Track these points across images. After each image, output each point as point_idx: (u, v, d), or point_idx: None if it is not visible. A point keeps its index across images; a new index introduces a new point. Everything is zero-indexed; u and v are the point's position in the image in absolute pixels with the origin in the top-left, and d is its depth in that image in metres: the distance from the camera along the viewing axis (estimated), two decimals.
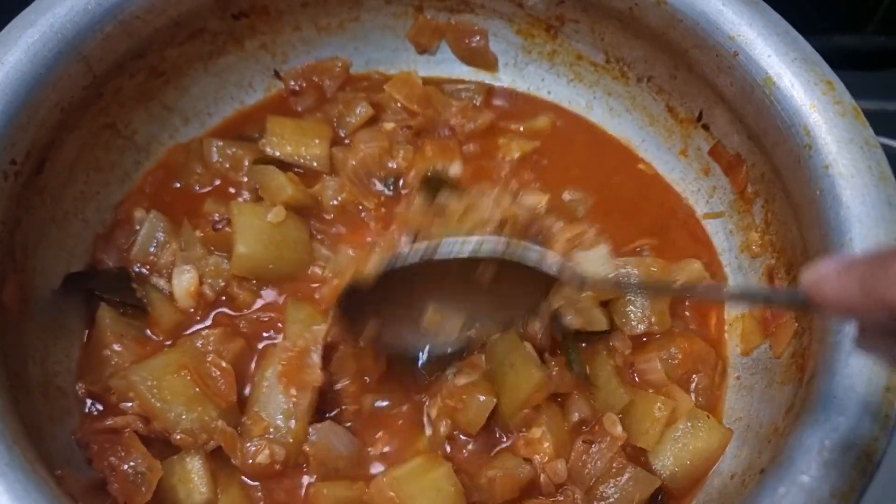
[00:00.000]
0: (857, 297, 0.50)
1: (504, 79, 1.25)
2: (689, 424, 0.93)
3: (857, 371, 0.74)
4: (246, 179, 1.10)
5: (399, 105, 1.18)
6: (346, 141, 1.15)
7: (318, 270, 1.02)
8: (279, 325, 0.98)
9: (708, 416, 0.94)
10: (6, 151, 0.87)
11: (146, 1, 0.99)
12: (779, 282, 1.00)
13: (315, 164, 1.11)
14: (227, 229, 1.02)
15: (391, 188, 1.11)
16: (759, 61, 0.95)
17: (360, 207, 1.09)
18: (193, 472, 0.87)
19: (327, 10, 1.19)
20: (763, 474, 0.75)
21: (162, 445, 0.90)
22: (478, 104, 1.22)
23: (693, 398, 0.97)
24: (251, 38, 1.17)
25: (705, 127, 1.10)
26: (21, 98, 0.88)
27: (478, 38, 1.23)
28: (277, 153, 1.10)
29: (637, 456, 0.93)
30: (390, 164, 1.12)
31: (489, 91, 1.24)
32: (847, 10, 1.53)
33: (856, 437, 0.71)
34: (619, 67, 1.17)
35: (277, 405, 0.90)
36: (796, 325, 0.94)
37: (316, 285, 1.01)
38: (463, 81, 1.24)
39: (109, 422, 0.89)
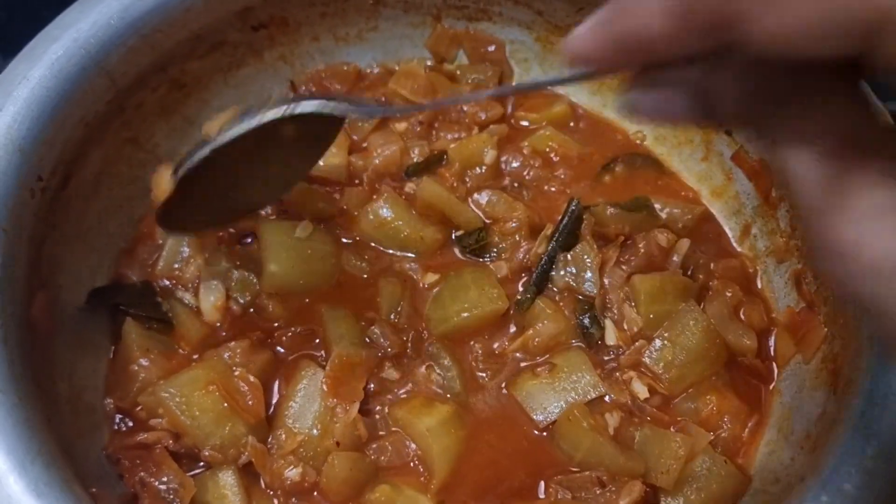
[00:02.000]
0: (611, 48, 0.50)
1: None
2: (705, 466, 0.89)
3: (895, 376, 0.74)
4: None
5: (405, 101, 1.17)
6: (364, 145, 1.15)
7: None
8: (310, 334, 0.98)
9: (726, 461, 0.89)
10: (33, 168, 0.87)
11: (168, 15, 1.00)
12: (806, 287, 1.00)
13: (335, 175, 1.11)
14: (254, 245, 1.01)
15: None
16: None
17: None
18: (227, 487, 0.86)
19: (345, 21, 1.19)
20: (804, 482, 0.74)
21: (191, 461, 0.90)
22: (490, 88, 1.21)
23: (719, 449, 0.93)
24: (270, 50, 1.17)
25: (727, 132, 1.10)
26: (47, 114, 0.88)
27: (493, 47, 1.23)
28: None
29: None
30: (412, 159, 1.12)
31: (501, 76, 1.23)
32: None
33: None
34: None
35: (313, 418, 0.89)
36: (825, 330, 0.94)
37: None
38: (476, 70, 1.23)
39: (140, 437, 0.88)
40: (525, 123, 1.20)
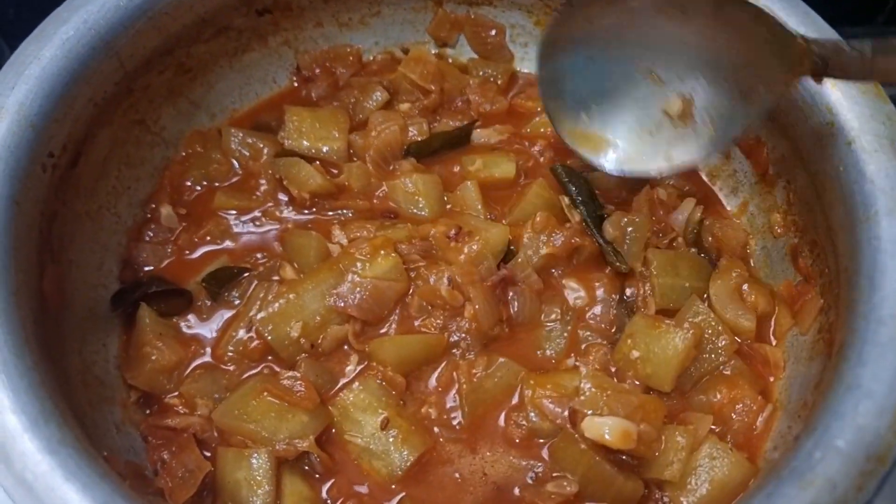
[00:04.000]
0: None
1: (522, 69, 1.27)
2: (710, 456, 0.89)
3: (887, 339, 0.76)
4: (271, 173, 1.12)
5: (413, 85, 1.20)
6: (368, 127, 1.16)
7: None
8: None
9: (731, 449, 0.90)
10: (44, 144, 0.89)
11: None
12: (802, 260, 1.01)
13: (335, 157, 1.13)
14: None
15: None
16: None
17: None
18: (259, 469, 0.88)
19: (348, 6, 1.21)
20: (798, 440, 0.76)
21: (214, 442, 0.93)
22: (500, 83, 1.23)
23: (729, 439, 0.93)
24: (274, 35, 1.19)
25: None
26: (57, 92, 0.91)
27: (494, 32, 1.25)
28: (297, 148, 1.12)
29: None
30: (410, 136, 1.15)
31: (512, 75, 1.25)
32: (857, 1, 1.55)
33: (889, 402, 0.72)
34: None
35: None
36: (821, 301, 0.95)
37: None
38: (486, 66, 1.25)
39: (172, 422, 0.92)
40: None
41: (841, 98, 0.91)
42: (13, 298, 0.78)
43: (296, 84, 1.24)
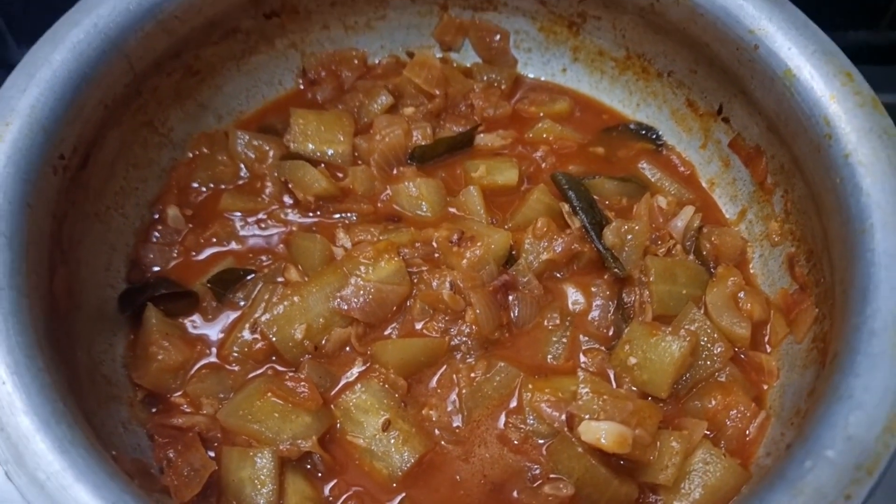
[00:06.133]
0: None
1: (526, 74, 1.29)
2: (704, 461, 0.91)
3: (879, 350, 0.77)
4: (276, 175, 1.13)
5: (417, 89, 1.21)
6: (372, 131, 1.17)
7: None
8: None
9: (724, 455, 0.91)
10: (55, 146, 0.91)
11: (184, 1, 1.03)
12: (799, 269, 1.03)
13: (340, 160, 1.14)
14: None
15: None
16: (780, 54, 0.98)
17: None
18: (263, 469, 0.90)
19: (355, 9, 1.23)
20: (790, 449, 0.77)
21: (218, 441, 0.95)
22: (504, 88, 1.25)
23: (723, 445, 0.95)
24: (281, 38, 1.21)
25: (725, 120, 1.14)
26: (69, 95, 0.92)
27: (498, 37, 1.27)
28: (302, 152, 1.14)
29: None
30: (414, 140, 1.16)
31: (516, 80, 1.27)
32: (862, 5, 1.56)
33: (880, 413, 0.74)
34: (640, 63, 1.20)
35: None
36: (816, 310, 0.97)
37: None
38: (491, 70, 1.27)
39: (178, 421, 0.94)
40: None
41: (839, 111, 0.93)
42: (26, 300, 0.80)
43: (301, 86, 1.25)
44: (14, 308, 0.78)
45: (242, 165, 1.15)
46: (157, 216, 1.12)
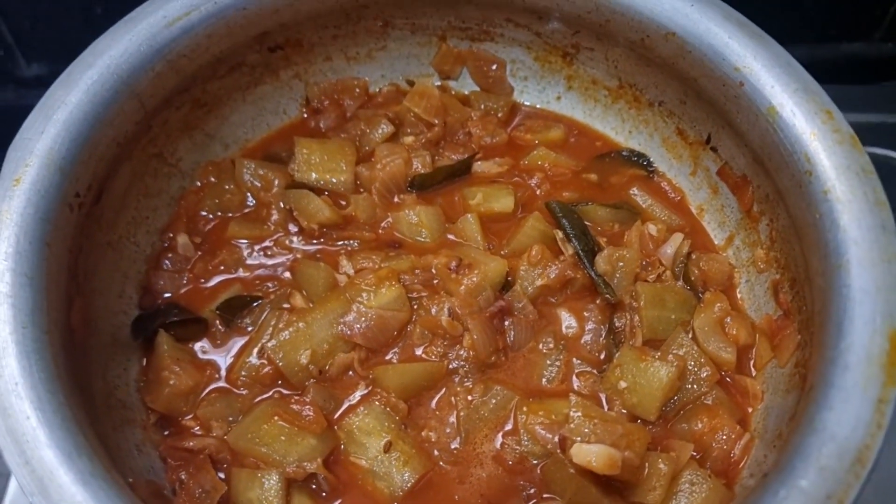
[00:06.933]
0: None
1: (522, 101, 1.33)
2: (690, 482, 0.95)
3: (851, 384, 0.81)
4: (282, 204, 1.18)
5: (417, 118, 1.25)
6: (374, 159, 1.22)
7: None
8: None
9: (710, 476, 0.96)
10: (72, 186, 0.95)
11: (192, 40, 1.07)
12: (783, 296, 1.07)
13: (343, 189, 1.19)
14: None
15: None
16: (764, 91, 1.01)
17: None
18: (270, 490, 0.95)
19: (356, 41, 1.27)
20: (766, 478, 0.82)
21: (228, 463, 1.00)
22: (500, 116, 1.30)
23: (709, 466, 0.99)
24: (286, 69, 1.25)
25: (713, 149, 1.18)
26: (83, 136, 0.96)
27: (495, 66, 1.31)
28: (306, 181, 1.18)
29: None
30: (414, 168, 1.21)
31: (512, 108, 1.31)
32: (855, 17, 1.58)
33: (851, 445, 0.78)
34: (632, 92, 1.24)
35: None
36: (799, 337, 1.01)
37: None
38: (488, 98, 1.32)
39: (189, 444, 0.99)
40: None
41: (819, 148, 0.96)
42: (46, 337, 0.84)
43: (305, 115, 1.29)
44: (36, 346, 0.82)
45: (249, 194, 1.20)
46: (167, 244, 1.16)
